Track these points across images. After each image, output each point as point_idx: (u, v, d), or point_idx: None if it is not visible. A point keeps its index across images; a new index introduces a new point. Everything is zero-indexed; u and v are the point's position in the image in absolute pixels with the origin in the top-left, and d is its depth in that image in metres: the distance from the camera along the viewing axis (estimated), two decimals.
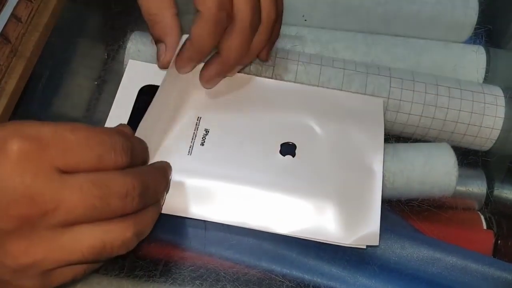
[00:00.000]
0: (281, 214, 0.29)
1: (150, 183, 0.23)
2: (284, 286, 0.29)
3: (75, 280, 0.22)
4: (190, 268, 0.29)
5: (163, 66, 0.30)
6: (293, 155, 0.31)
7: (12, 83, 0.32)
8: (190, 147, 0.31)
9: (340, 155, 0.31)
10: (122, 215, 0.22)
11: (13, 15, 0.32)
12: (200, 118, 0.32)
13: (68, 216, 0.20)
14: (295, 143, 0.31)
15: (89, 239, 0.21)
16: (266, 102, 0.33)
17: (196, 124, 0.32)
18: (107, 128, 0.25)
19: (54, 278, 0.22)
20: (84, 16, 0.29)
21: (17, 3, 0.33)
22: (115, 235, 0.21)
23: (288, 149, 0.31)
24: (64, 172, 0.20)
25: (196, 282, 0.29)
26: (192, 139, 0.31)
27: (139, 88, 0.33)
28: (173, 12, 0.28)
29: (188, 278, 0.29)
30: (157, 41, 0.29)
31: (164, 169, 0.27)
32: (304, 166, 0.31)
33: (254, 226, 0.29)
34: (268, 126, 0.32)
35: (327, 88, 0.34)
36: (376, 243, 0.29)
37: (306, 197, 0.30)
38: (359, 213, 0.30)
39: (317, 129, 0.32)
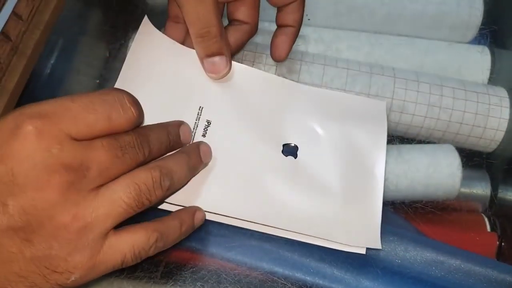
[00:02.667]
0: (279, 214, 0.29)
1: (152, 134, 0.25)
2: None
3: (124, 264, 0.23)
4: (191, 269, 0.29)
5: (222, 76, 0.31)
6: (295, 156, 0.31)
7: (12, 81, 0.31)
8: (191, 138, 0.30)
9: (342, 158, 0.31)
10: (142, 163, 0.24)
11: (14, 13, 0.32)
12: (202, 108, 0.31)
13: (101, 172, 0.22)
14: (297, 144, 0.31)
15: (124, 186, 0.22)
16: (269, 98, 0.32)
17: (198, 114, 0.31)
18: (107, 88, 0.26)
19: (107, 253, 0.22)
20: (85, 14, 0.28)
21: (18, 1, 0.32)
22: (143, 177, 0.23)
23: (290, 150, 0.31)
24: (80, 140, 0.21)
25: (197, 284, 0.28)
26: (194, 129, 0.30)
27: None
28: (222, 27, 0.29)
29: (189, 279, 0.29)
30: (212, 55, 0.30)
31: (165, 124, 0.28)
32: (305, 167, 0.31)
33: (251, 224, 0.29)
34: (271, 125, 0.31)
35: (330, 88, 0.34)
36: (378, 246, 0.29)
37: (307, 199, 0.30)
38: (360, 216, 0.29)
39: (320, 130, 0.32)
